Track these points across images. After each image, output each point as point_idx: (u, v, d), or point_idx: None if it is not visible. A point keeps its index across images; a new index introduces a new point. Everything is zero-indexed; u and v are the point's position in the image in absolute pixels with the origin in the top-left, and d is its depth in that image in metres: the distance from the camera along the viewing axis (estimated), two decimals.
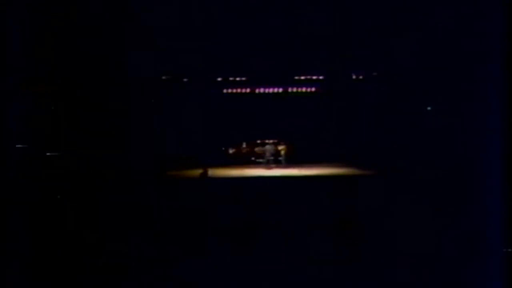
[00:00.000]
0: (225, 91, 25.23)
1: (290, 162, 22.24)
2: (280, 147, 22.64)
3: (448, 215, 11.97)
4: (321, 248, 11.01)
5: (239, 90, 25.40)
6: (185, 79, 23.92)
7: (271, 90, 25.61)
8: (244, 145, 24.24)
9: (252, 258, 10.50)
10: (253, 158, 23.93)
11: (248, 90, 25.44)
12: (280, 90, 25.59)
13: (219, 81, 24.84)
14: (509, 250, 9.01)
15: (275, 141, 23.54)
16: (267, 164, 21.98)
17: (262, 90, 25.60)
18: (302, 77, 25.17)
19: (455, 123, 17.19)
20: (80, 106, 19.60)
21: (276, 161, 22.39)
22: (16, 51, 12.46)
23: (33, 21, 14.79)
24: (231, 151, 23.80)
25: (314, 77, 25.09)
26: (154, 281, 9.87)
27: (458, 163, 14.74)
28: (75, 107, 19.48)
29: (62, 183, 15.20)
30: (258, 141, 24.12)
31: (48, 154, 16.58)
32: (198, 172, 18.43)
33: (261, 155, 22.89)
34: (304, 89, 25.43)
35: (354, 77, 24.02)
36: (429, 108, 20.85)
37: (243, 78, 25.06)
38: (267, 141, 23.85)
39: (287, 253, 10.79)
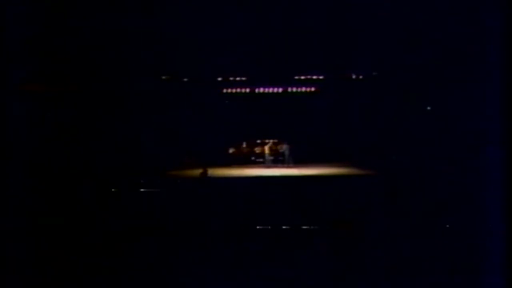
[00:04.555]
0: (225, 91, 25.22)
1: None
2: (284, 146, 22.78)
3: (448, 215, 11.98)
4: (320, 248, 11.01)
5: (239, 90, 25.40)
6: (185, 79, 23.93)
7: (271, 90, 25.61)
8: (244, 145, 24.27)
9: (251, 258, 10.51)
10: (253, 158, 23.98)
11: (248, 90, 25.43)
12: (280, 90, 25.58)
13: (219, 81, 24.84)
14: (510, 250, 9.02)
15: (275, 140, 23.60)
16: (284, 164, 22.25)
17: (262, 90, 25.59)
18: (302, 77, 25.15)
19: (455, 123, 17.20)
20: (80, 106, 19.61)
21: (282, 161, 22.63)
22: (16, 51, 12.45)
23: (33, 20, 14.78)
24: (231, 151, 23.82)
25: (314, 77, 25.08)
26: (153, 281, 9.87)
27: (458, 163, 14.75)
28: (75, 107, 19.49)
29: (62, 183, 15.21)
30: (258, 141, 24.16)
31: (47, 154, 16.56)
32: (198, 171, 18.44)
33: (280, 153, 23.00)
34: (304, 89, 25.42)
35: (354, 77, 24.01)
36: (429, 108, 20.84)
37: (243, 78, 25.05)
38: (267, 140, 23.90)
39: (286, 253, 10.79)
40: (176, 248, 11.21)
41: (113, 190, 15.11)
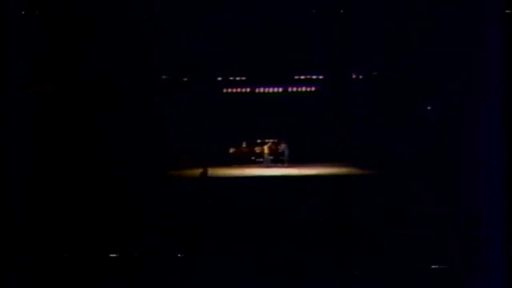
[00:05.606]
0: (225, 90, 25.19)
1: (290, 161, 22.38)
2: (282, 146, 22.80)
3: (448, 215, 11.97)
4: (320, 248, 11.00)
5: (239, 90, 25.37)
6: (185, 79, 23.90)
7: (271, 89, 25.58)
8: (244, 145, 24.24)
9: (251, 257, 10.49)
10: (253, 158, 23.96)
11: (248, 89, 25.40)
12: (280, 89, 25.55)
13: (219, 80, 24.81)
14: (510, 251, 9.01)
15: (275, 140, 23.58)
16: (283, 164, 22.23)
17: (262, 89, 25.56)
18: (302, 77, 25.12)
19: (455, 123, 17.17)
20: (80, 106, 19.59)
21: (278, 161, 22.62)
22: (16, 51, 12.45)
23: (33, 20, 14.78)
24: (231, 150, 23.80)
25: (314, 77, 25.05)
26: (153, 281, 9.86)
27: (458, 163, 14.73)
28: (75, 107, 19.46)
29: (62, 182, 15.19)
30: (258, 141, 24.13)
31: (47, 153, 16.55)
32: (198, 171, 18.40)
33: (280, 153, 23.00)
34: (304, 89, 25.39)
35: (354, 77, 23.98)
36: (429, 108, 20.82)
37: (243, 78, 25.03)
38: (267, 140, 23.87)
39: (286, 253, 10.78)
40: (176, 248, 11.20)
41: (112, 190, 15.06)
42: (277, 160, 22.91)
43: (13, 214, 10.76)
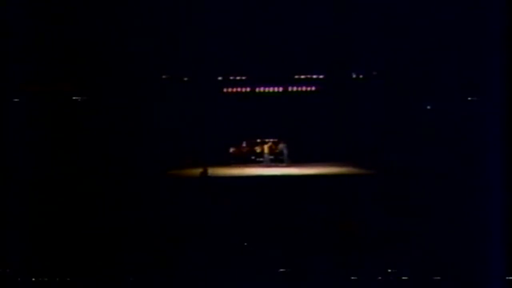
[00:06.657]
0: (225, 90, 25.22)
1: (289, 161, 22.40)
2: (281, 145, 22.85)
3: (448, 215, 11.99)
4: (320, 248, 11.02)
5: (239, 89, 25.39)
6: (185, 79, 23.93)
7: (271, 89, 25.61)
8: (244, 144, 24.27)
9: (251, 257, 10.51)
10: (253, 158, 24.00)
11: (248, 89, 25.43)
12: (280, 89, 25.58)
13: (219, 80, 24.84)
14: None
15: (275, 140, 23.62)
16: (283, 163, 22.25)
17: (262, 89, 25.59)
18: (302, 76, 25.15)
19: (455, 123, 17.22)
20: (80, 106, 19.63)
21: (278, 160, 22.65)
22: (16, 51, 12.46)
23: (33, 20, 14.80)
24: (231, 150, 23.83)
25: (314, 76, 25.08)
26: (153, 281, 9.88)
27: (458, 163, 14.77)
28: (75, 107, 19.51)
29: (62, 182, 15.22)
30: (258, 140, 24.17)
31: (47, 153, 16.59)
32: (198, 171, 18.42)
33: (279, 153, 23.01)
34: (304, 88, 25.42)
35: (354, 76, 24.02)
36: (429, 108, 20.87)
37: (243, 77, 25.05)
38: (267, 140, 23.90)
39: (286, 253, 10.80)
40: (176, 248, 11.22)
41: (113, 189, 15.09)
42: (277, 159, 22.92)
43: (12, 214, 10.78)
